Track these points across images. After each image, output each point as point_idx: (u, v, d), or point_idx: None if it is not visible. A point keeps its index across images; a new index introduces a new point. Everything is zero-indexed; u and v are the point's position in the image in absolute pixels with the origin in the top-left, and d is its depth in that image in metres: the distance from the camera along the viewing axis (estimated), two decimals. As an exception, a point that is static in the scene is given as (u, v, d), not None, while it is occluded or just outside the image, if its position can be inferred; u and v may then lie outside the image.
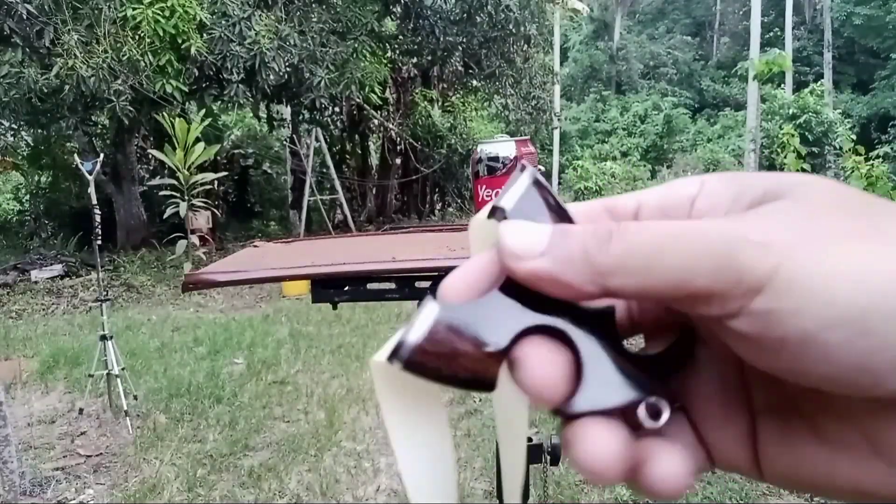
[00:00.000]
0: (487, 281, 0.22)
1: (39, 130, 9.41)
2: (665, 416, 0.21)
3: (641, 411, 0.21)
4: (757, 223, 0.19)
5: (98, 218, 3.51)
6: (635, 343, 0.25)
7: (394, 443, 0.23)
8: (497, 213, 0.22)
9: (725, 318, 0.19)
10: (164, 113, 6.98)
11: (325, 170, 10.31)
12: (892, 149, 11.38)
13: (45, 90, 6.74)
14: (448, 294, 0.22)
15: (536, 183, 0.22)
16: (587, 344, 0.21)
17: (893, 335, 0.17)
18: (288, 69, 7.45)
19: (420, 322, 0.20)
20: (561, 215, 0.22)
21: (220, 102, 8.76)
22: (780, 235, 0.19)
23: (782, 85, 14.98)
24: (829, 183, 0.21)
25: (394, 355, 0.20)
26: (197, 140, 6.73)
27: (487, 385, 0.21)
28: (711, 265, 0.18)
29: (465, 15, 9.43)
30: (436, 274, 1.27)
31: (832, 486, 0.21)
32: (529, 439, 1.37)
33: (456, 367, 0.21)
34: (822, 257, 0.18)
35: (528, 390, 0.20)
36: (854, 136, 12.08)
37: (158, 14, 6.72)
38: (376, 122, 11.81)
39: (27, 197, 11.04)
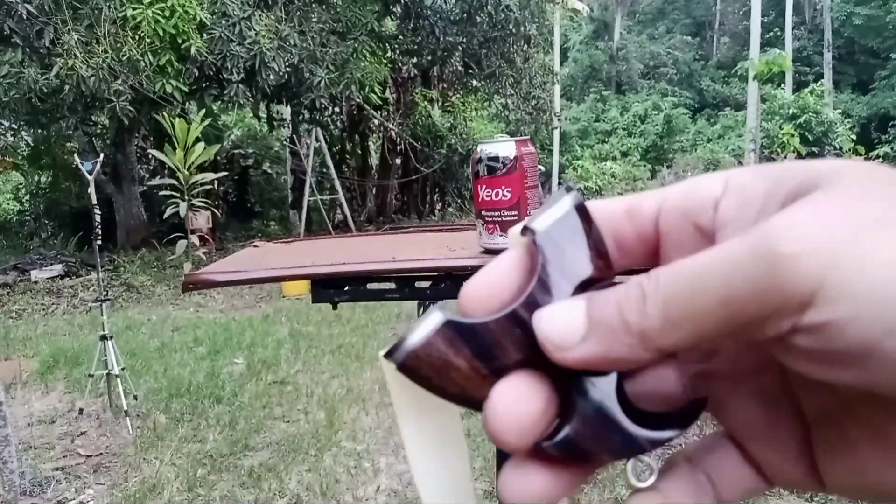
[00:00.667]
0: (509, 288, 0.21)
1: (39, 130, 9.40)
2: (652, 478, 0.21)
3: (629, 469, 0.21)
4: (791, 227, 0.17)
5: (98, 218, 3.51)
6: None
7: (404, 437, 0.23)
8: (527, 233, 0.21)
9: (782, 338, 0.17)
10: (164, 113, 6.98)
11: (325, 170, 10.31)
12: (892, 149, 11.38)
13: (45, 90, 6.73)
14: (468, 298, 0.21)
15: (579, 208, 0.21)
16: (586, 385, 0.20)
17: None
18: (288, 69, 7.45)
19: (421, 329, 0.21)
20: (600, 249, 0.21)
21: (220, 102, 8.76)
22: (819, 237, 0.17)
23: (782, 85, 14.98)
24: (867, 165, 0.19)
25: (390, 354, 0.21)
26: (197, 140, 6.73)
27: (475, 405, 0.21)
28: (753, 291, 0.17)
29: (465, 15, 9.43)
30: (436, 274, 1.27)
31: None
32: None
33: (447, 380, 0.21)
34: (871, 253, 0.16)
35: (489, 433, 0.20)
36: (854, 136, 12.08)
37: (158, 14, 6.72)
38: (376, 122, 11.81)
39: (27, 197, 11.04)
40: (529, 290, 0.21)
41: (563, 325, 0.20)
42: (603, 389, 0.20)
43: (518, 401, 0.20)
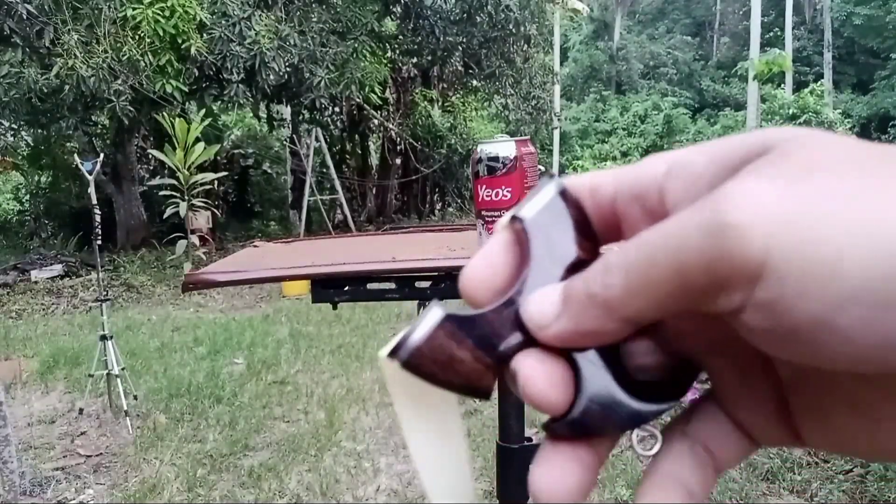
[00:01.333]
0: (502, 271, 0.22)
1: (39, 130, 9.41)
2: (657, 447, 0.22)
3: (634, 440, 0.21)
4: (739, 195, 0.17)
5: (98, 218, 3.51)
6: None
7: (407, 437, 0.23)
8: (515, 222, 0.22)
9: (735, 313, 0.17)
10: (164, 113, 6.98)
11: (325, 170, 10.32)
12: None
13: (45, 90, 6.74)
14: (467, 281, 0.22)
15: (563, 194, 0.22)
16: (587, 365, 0.21)
17: None
18: (288, 69, 7.45)
19: (422, 325, 0.21)
20: (585, 230, 0.22)
21: (220, 102, 8.76)
22: (768, 205, 0.16)
23: (782, 85, 14.98)
24: (830, 135, 0.18)
25: (393, 353, 0.21)
26: (197, 140, 6.73)
27: (482, 393, 0.22)
28: (702, 262, 0.17)
29: (465, 15, 9.43)
30: (436, 274, 1.27)
31: (877, 452, 0.20)
32: (529, 439, 1.37)
33: (452, 373, 0.21)
34: (821, 225, 0.15)
35: (529, 401, 0.21)
36: (854, 137, 12.10)
37: (158, 14, 6.72)
38: (376, 122, 11.80)
39: (27, 197, 11.04)
40: (523, 277, 0.21)
41: (541, 305, 0.21)
42: (600, 366, 0.21)
43: (546, 370, 0.21)
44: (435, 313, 0.21)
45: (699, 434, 0.22)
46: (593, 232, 0.22)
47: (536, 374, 0.21)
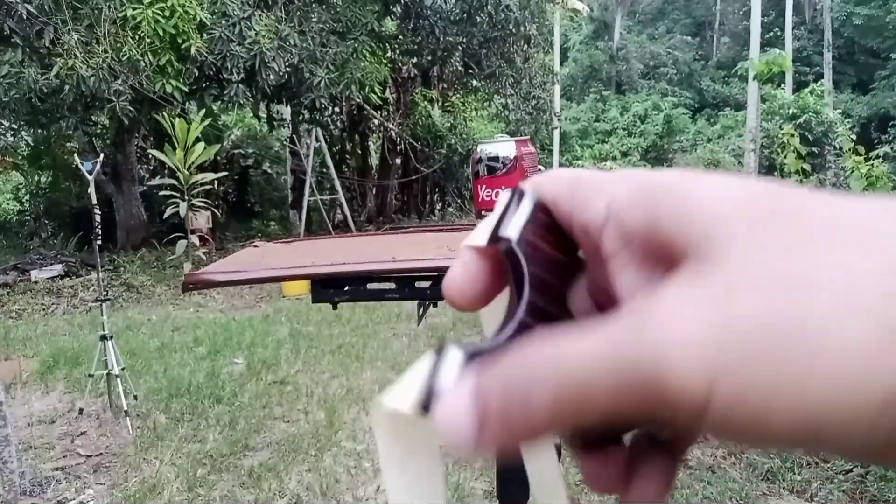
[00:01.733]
0: (481, 275, 0.23)
1: (39, 130, 9.41)
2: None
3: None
4: (671, 322, 0.16)
5: (98, 218, 3.51)
6: None
7: (388, 486, 0.23)
8: (502, 243, 0.22)
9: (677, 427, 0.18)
10: (164, 113, 6.98)
11: (325, 170, 10.31)
12: (892, 149, 11.36)
13: (45, 90, 6.73)
14: (451, 289, 0.23)
15: (540, 207, 0.22)
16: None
17: (847, 445, 0.16)
18: (288, 69, 7.45)
19: (446, 374, 0.20)
20: (564, 239, 0.22)
21: (220, 102, 8.75)
22: (705, 344, 0.16)
23: (782, 85, 14.98)
24: (760, 210, 0.17)
25: (425, 407, 0.19)
26: (197, 140, 6.74)
27: None
28: (642, 402, 0.17)
29: (465, 15, 9.43)
30: (436, 274, 1.27)
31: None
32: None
33: None
34: (754, 375, 0.16)
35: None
36: (854, 136, 12.07)
37: (158, 14, 6.72)
38: (376, 122, 11.80)
39: (27, 197, 11.03)
40: (527, 297, 0.21)
41: (451, 424, 0.19)
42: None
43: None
44: (454, 356, 0.20)
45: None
46: (572, 239, 0.23)
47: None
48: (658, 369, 0.16)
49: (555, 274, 0.22)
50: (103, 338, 3.30)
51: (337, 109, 11.20)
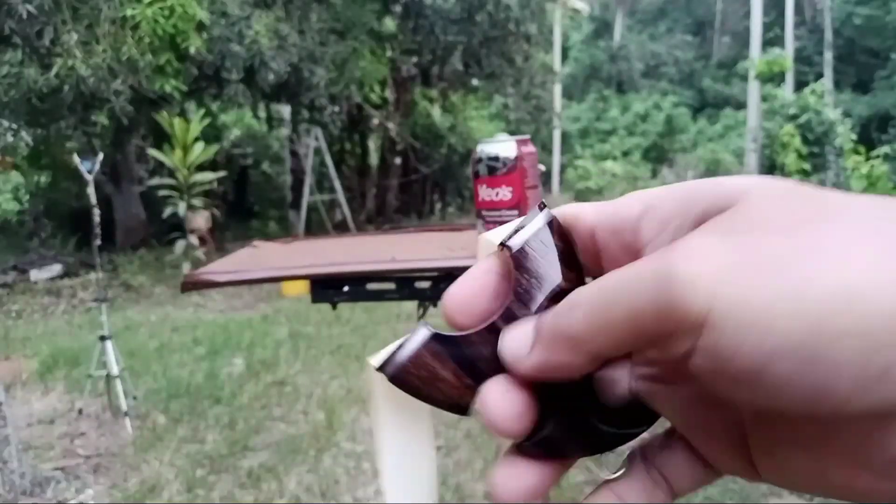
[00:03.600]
0: (487, 295, 0.24)
1: (39, 130, 9.39)
2: (621, 472, 0.23)
3: (602, 463, 0.23)
4: (691, 251, 0.19)
5: (97, 218, 3.51)
6: None
7: (378, 438, 0.25)
8: (504, 250, 0.23)
9: (685, 358, 0.19)
10: (163, 113, 6.97)
11: (324, 169, 10.31)
12: (892, 149, 11.35)
13: (45, 90, 6.73)
14: (450, 302, 0.24)
15: (551, 224, 0.23)
16: (559, 388, 0.22)
17: (843, 360, 0.16)
18: (287, 69, 7.44)
19: (409, 343, 0.23)
20: (571, 261, 0.23)
21: (219, 102, 8.75)
22: (714, 262, 0.18)
23: (783, 84, 14.98)
24: (782, 188, 0.20)
25: (382, 367, 0.23)
26: (196, 140, 6.74)
27: (461, 410, 0.23)
28: (653, 310, 0.18)
29: (465, 14, 9.42)
30: (436, 274, 1.26)
31: (826, 489, 0.21)
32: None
33: (434, 390, 0.23)
34: (758, 283, 0.17)
35: (487, 424, 0.22)
36: (854, 136, 12.05)
37: (158, 14, 6.71)
38: (376, 121, 11.80)
39: (27, 197, 11.03)
40: (507, 303, 0.23)
41: (516, 341, 0.22)
42: (576, 391, 0.22)
43: (505, 397, 0.22)
44: (421, 333, 0.23)
45: (657, 459, 0.24)
46: (579, 263, 0.23)
47: (498, 403, 0.22)
48: (670, 282, 0.18)
49: (543, 292, 0.23)
50: (102, 338, 3.30)
51: (336, 109, 11.17)
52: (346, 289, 1.29)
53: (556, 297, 0.23)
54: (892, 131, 18.22)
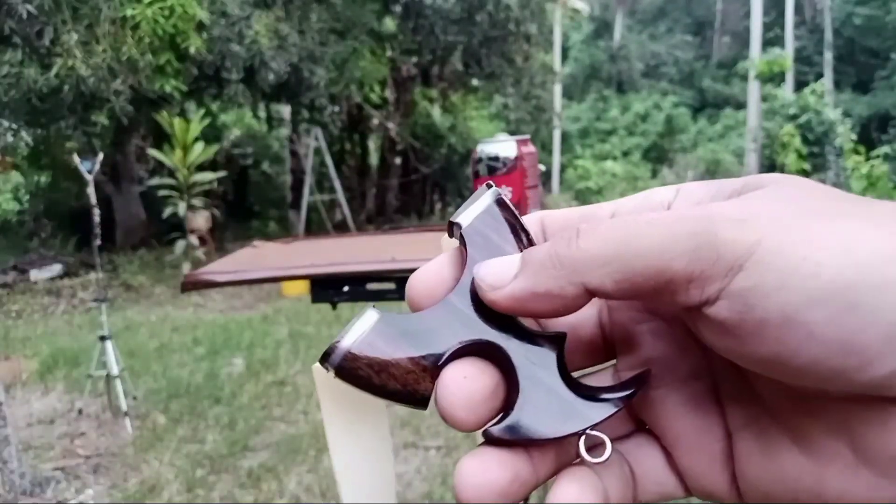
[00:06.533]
0: (446, 280, 0.22)
1: (39, 130, 9.39)
2: (607, 453, 0.20)
3: (581, 446, 0.20)
4: (736, 205, 0.19)
5: (97, 218, 3.51)
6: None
7: (332, 447, 0.23)
8: (453, 229, 0.22)
9: (705, 306, 0.18)
10: (163, 112, 6.97)
11: (324, 169, 10.31)
12: (892, 149, 11.35)
13: (45, 90, 6.73)
14: (413, 288, 0.22)
15: (499, 202, 0.22)
16: (528, 366, 0.21)
17: (882, 310, 0.16)
18: (287, 69, 7.44)
19: (355, 328, 0.21)
20: (521, 236, 0.22)
21: (219, 102, 8.75)
22: (761, 210, 0.19)
23: (783, 84, 14.98)
24: (807, 180, 0.21)
25: (325, 359, 0.21)
26: (196, 140, 6.73)
27: (419, 400, 0.21)
28: (689, 245, 0.18)
29: (465, 14, 9.42)
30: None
31: (819, 498, 0.20)
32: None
33: (387, 377, 0.21)
34: (806, 229, 0.18)
35: (440, 412, 0.20)
36: (854, 136, 12.05)
37: (158, 14, 6.71)
38: (376, 121, 11.79)
39: (27, 197, 11.03)
40: (461, 279, 0.22)
41: (495, 267, 0.21)
42: (546, 367, 0.21)
43: (468, 378, 0.20)
44: (369, 316, 0.21)
45: (630, 455, 0.23)
46: (531, 237, 0.22)
47: (461, 385, 0.20)
48: (713, 222, 0.18)
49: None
50: (102, 338, 3.29)
51: (336, 109, 11.17)
52: (346, 289, 1.29)
53: None
54: (892, 131, 18.21)
